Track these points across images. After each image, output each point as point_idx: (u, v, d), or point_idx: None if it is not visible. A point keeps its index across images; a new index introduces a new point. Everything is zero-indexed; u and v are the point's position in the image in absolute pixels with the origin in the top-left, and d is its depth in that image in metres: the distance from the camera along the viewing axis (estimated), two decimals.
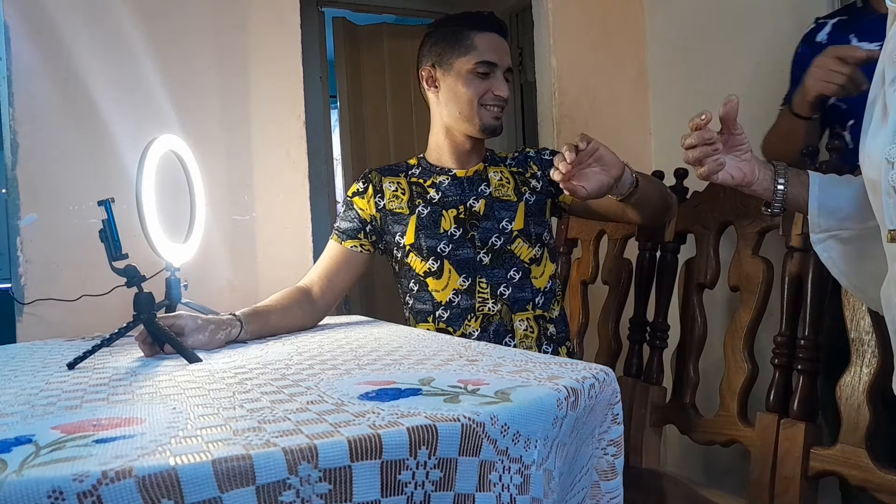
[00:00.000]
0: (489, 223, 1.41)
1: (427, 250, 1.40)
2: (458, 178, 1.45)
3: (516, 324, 1.39)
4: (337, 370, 0.86)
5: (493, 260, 1.39)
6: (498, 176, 1.45)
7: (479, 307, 1.39)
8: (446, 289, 1.39)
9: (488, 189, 1.44)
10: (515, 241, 1.41)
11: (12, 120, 1.47)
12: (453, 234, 1.41)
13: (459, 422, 0.59)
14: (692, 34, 1.95)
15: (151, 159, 1.11)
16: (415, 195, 1.44)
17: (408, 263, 1.43)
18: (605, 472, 0.81)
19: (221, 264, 1.65)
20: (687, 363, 1.38)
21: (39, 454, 0.53)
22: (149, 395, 0.76)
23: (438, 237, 1.40)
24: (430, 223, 1.42)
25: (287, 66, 1.74)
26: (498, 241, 1.40)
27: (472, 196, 1.43)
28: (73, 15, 1.52)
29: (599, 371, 0.80)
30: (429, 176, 1.46)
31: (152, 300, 1.09)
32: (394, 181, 1.46)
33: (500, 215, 1.41)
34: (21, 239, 1.48)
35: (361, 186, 1.47)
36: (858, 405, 1.04)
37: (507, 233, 1.40)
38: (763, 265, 1.26)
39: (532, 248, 1.41)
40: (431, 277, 1.40)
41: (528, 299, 1.40)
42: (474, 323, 1.39)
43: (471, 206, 1.42)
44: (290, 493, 0.52)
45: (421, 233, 1.41)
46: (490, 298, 1.38)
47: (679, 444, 1.67)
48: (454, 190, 1.44)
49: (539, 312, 1.41)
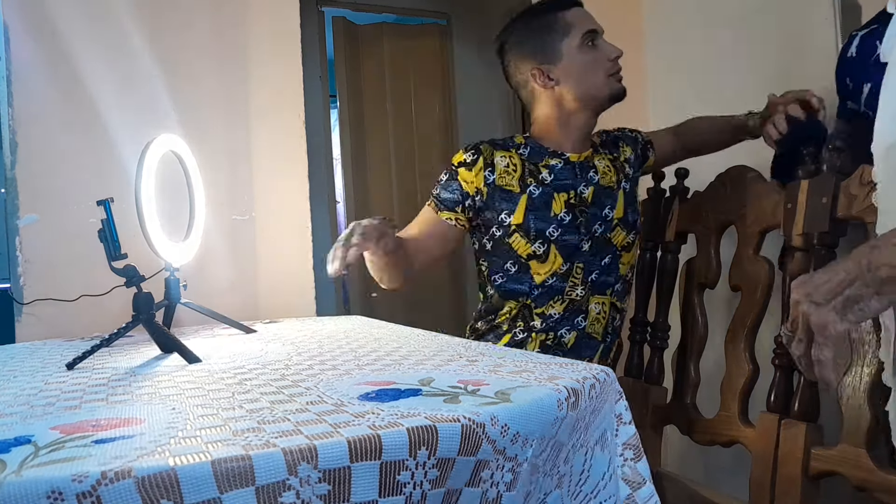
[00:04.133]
0: (594, 210, 1.40)
1: (536, 232, 1.36)
2: (570, 163, 1.41)
3: (591, 305, 1.39)
4: (337, 370, 0.86)
5: (592, 247, 1.39)
6: (603, 164, 1.44)
7: (568, 291, 1.38)
8: (547, 272, 1.37)
9: (596, 176, 1.42)
10: (615, 230, 1.41)
11: (12, 120, 1.47)
12: (563, 218, 1.37)
13: (459, 422, 0.59)
14: (692, 35, 1.95)
15: (151, 159, 1.11)
16: (526, 173, 1.38)
17: (508, 243, 1.37)
18: (632, 482, 0.80)
19: (221, 264, 1.64)
20: (688, 363, 1.38)
21: (38, 454, 0.53)
22: (148, 395, 0.76)
23: (549, 220, 1.36)
24: (542, 205, 1.37)
25: (287, 66, 1.74)
26: (599, 228, 1.40)
27: (582, 182, 1.41)
28: (73, 15, 1.52)
29: (600, 371, 0.80)
30: (541, 157, 1.41)
31: (152, 300, 1.09)
32: (505, 156, 1.39)
33: (605, 202, 1.41)
34: (20, 239, 1.47)
35: (470, 157, 1.39)
36: (859, 405, 1.03)
37: (609, 220, 1.41)
38: (764, 265, 1.25)
39: (627, 235, 1.43)
40: (535, 260, 1.37)
41: (610, 284, 1.41)
42: (558, 305, 1.38)
43: (580, 193, 1.40)
44: (289, 493, 0.52)
45: (531, 214, 1.36)
46: (580, 284, 1.38)
47: (680, 444, 1.66)
48: (566, 174, 1.40)
49: (615, 301, 1.42)
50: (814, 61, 1.59)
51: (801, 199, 1.19)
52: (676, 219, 1.49)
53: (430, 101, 3.48)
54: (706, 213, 1.40)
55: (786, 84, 1.51)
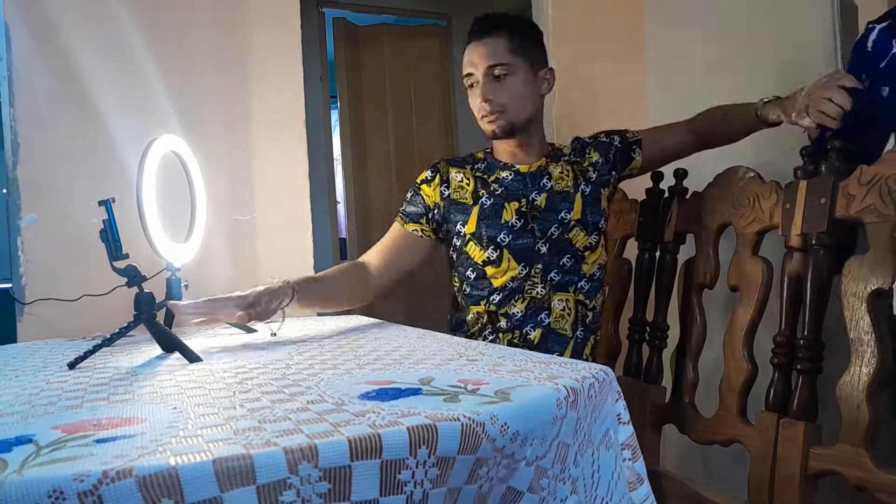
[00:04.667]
0: (549, 214, 1.44)
1: (487, 239, 1.43)
2: (521, 174, 1.48)
3: (554, 302, 1.42)
4: (337, 370, 0.86)
5: (550, 249, 1.43)
6: (559, 170, 1.48)
7: (528, 290, 1.42)
8: (504, 276, 1.43)
9: (550, 183, 1.46)
10: (573, 230, 1.44)
11: (13, 120, 1.48)
12: (514, 224, 1.44)
13: (459, 421, 0.59)
14: (692, 35, 1.95)
15: (152, 159, 1.11)
16: (479, 186, 1.48)
17: (466, 252, 1.47)
18: (630, 482, 0.80)
19: (222, 264, 1.65)
20: (686, 363, 1.38)
21: (40, 454, 0.53)
22: (149, 394, 0.77)
23: (499, 227, 1.44)
24: (492, 214, 1.45)
25: (287, 66, 1.74)
26: (556, 231, 1.43)
27: (534, 191, 1.46)
28: (73, 15, 1.52)
29: (599, 371, 0.80)
30: (494, 170, 1.50)
31: (153, 300, 1.09)
32: (460, 172, 1.50)
33: (560, 206, 1.45)
34: (22, 239, 1.48)
35: (430, 175, 1.52)
36: (858, 405, 1.04)
37: (566, 223, 1.44)
38: (762, 265, 1.26)
39: (588, 237, 1.45)
40: (490, 266, 1.44)
41: (573, 282, 1.44)
42: (520, 304, 1.42)
43: (533, 200, 1.45)
44: (290, 492, 0.52)
45: (482, 222, 1.45)
46: (540, 283, 1.42)
47: (679, 443, 1.66)
48: (517, 185, 1.47)
49: (581, 298, 1.45)
50: (813, 61, 1.60)
51: (799, 199, 1.19)
52: (675, 219, 1.49)
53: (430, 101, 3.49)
54: (705, 213, 1.41)
55: (786, 84, 1.51)
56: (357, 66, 3.39)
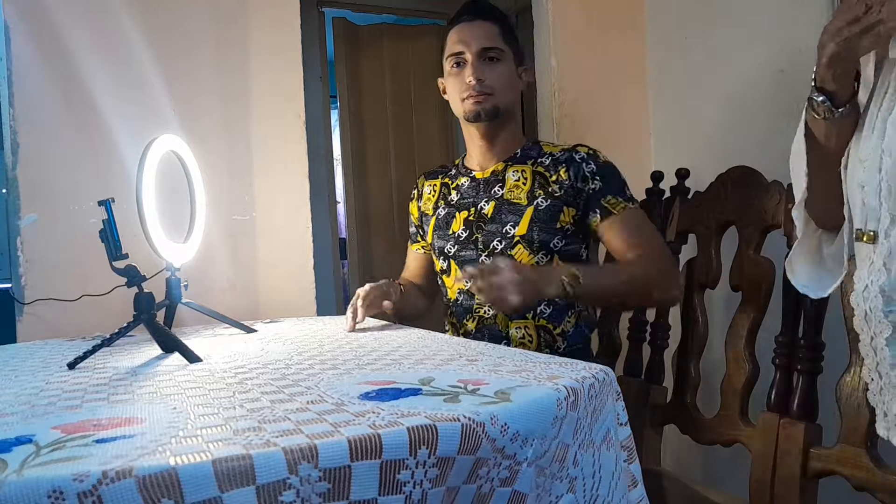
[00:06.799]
0: (494, 226, 1.39)
1: (438, 250, 1.47)
2: (476, 180, 1.46)
3: (512, 331, 1.36)
4: (337, 370, 0.86)
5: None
6: (516, 176, 1.39)
7: (476, 308, 1.39)
8: (453, 287, 1.45)
9: (501, 191, 1.40)
10: (516, 247, 1.36)
11: (12, 120, 1.47)
12: (460, 235, 1.43)
13: (459, 421, 0.59)
14: (692, 34, 1.95)
15: (152, 159, 1.11)
16: (440, 196, 1.51)
17: (433, 261, 1.52)
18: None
19: (221, 264, 1.65)
20: (688, 363, 1.38)
21: (40, 454, 0.53)
22: (149, 394, 0.76)
23: (447, 238, 1.45)
24: (444, 224, 1.47)
25: (287, 66, 1.74)
26: (499, 244, 1.38)
27: (484, 198, 1.42)
28: (73, 15, 1.52)
29: (599, 371, 0.80)
30: (456, 178, 1.50)
31: (152, 300, 1.09)
32: (431, 184, 1.54)
33: (506, 219, 1.37)
34: (21, 239, 1.48)
35: (413, 193, 1.59)
36: (858, 405, 1.03)
37: (510, 237, 1.36)
38: (765, 265, 1.25)
39: (534, 256, 1.34)
40: (444, 275, 1.48)
41: (528, 308, 1.33)
42: (471, 323, 1.41)
43: (480, 209, 1.42)
44: (290, 492, 0.52)
45: (436, 233, 1.48)
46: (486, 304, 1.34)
47: (680, 443, 1.66)
48: (471, 192, 1.46)
49: (543, 323, 1.36)
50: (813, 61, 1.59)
51: None
52: (677, 219, 1.49)
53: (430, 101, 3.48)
54: (707, 213, 1.40)
55: (786, 83, 1.51)
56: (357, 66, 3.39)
